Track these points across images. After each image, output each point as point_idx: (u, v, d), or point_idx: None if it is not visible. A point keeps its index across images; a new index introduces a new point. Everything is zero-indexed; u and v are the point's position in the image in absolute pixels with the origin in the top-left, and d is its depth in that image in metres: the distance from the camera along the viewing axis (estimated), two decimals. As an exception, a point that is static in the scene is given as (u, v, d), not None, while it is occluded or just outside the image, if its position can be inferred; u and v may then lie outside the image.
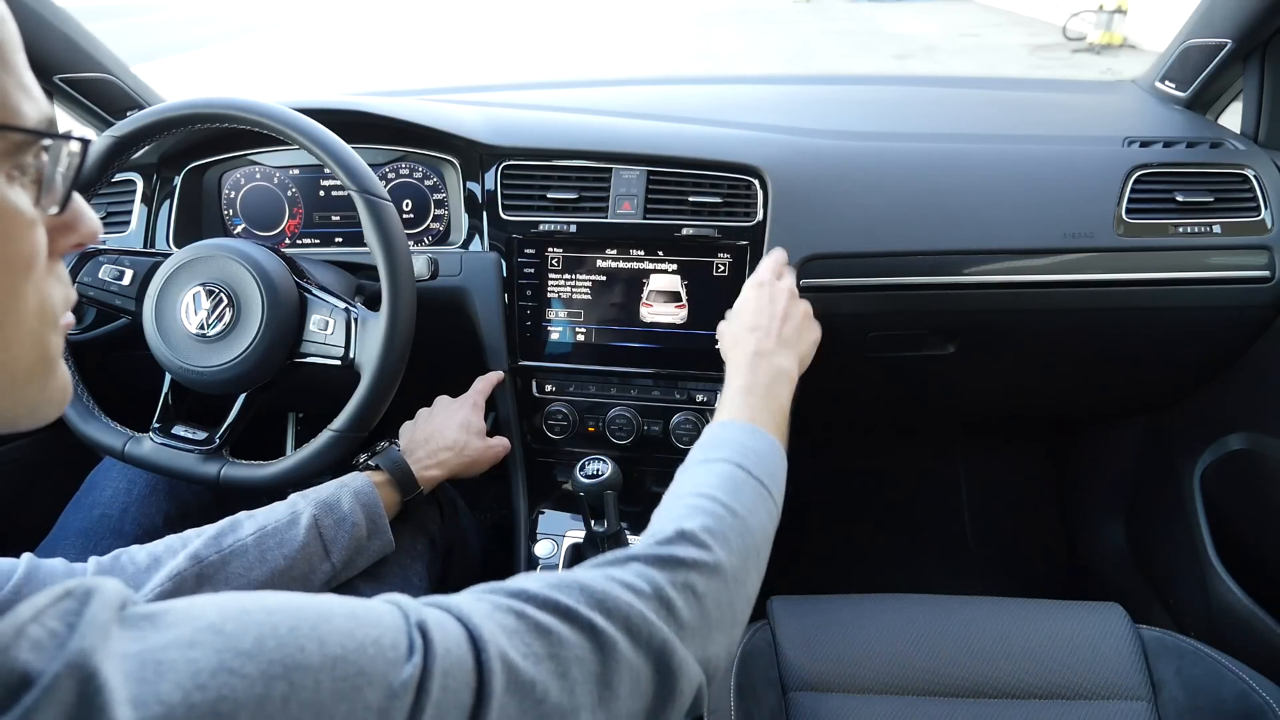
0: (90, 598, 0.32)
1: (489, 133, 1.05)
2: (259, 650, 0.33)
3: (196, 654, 0.32)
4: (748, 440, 0.66)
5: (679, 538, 0.53)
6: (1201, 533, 1.18)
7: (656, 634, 0.46)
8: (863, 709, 0.81)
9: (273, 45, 11.43)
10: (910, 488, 1.74)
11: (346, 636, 0.36)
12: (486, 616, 0.42)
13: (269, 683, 0.33)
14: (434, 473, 0.88)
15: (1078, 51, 8.29)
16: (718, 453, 0.64)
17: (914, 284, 1.02)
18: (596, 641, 0.44)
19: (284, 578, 0.73)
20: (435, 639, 0.39)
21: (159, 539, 0.73)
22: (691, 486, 0.60)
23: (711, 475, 0.61)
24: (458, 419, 0.94)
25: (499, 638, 0.41)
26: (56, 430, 0.91)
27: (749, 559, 0.57)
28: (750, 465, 0.63)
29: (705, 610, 0.50)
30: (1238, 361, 1.14)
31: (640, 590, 0.48)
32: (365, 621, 0.38)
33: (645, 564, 0.50)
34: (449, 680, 0.38)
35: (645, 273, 1.02)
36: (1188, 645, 0.82)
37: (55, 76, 1.10)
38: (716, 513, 0.56)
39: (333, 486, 0.80)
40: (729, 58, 9.12)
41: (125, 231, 1.09)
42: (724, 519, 0.56)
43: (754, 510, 0.59)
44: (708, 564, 0.52)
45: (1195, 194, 1.03)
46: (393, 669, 0.36)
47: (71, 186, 0.39)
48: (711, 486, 0.59)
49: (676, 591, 0.49)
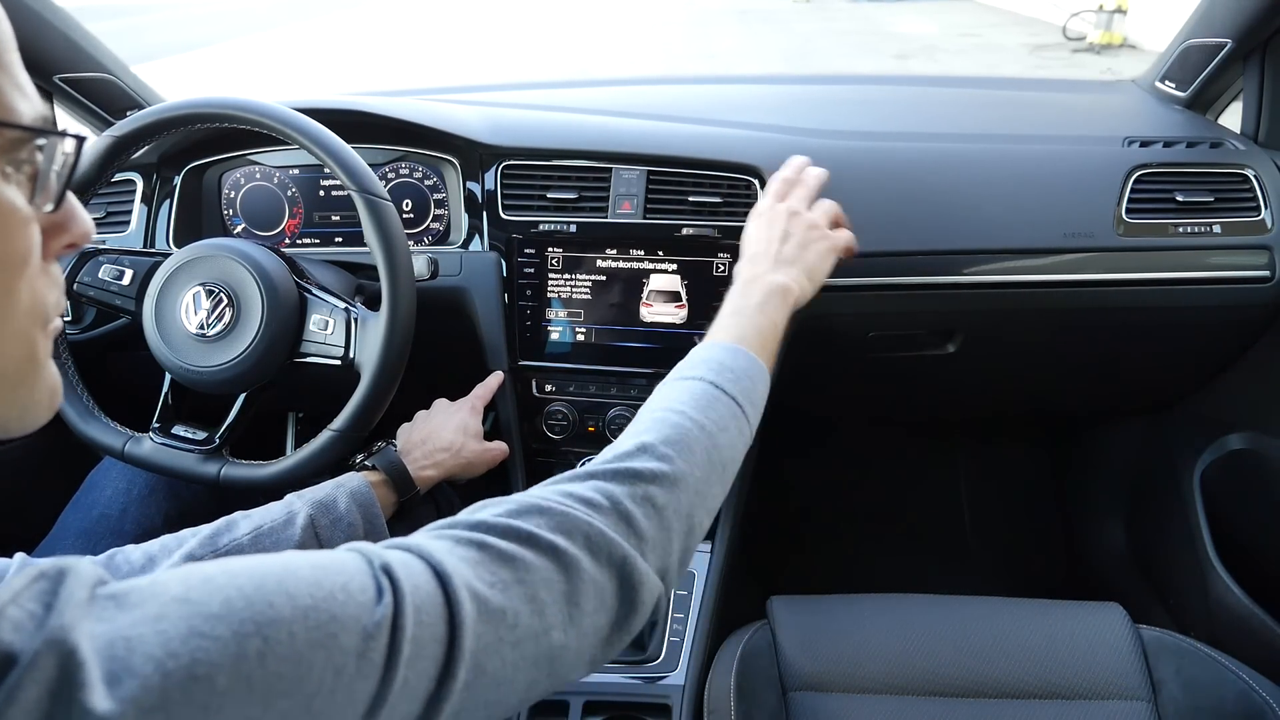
0: (64, 577, 0.32)
1: (489, 133, 1.05)
2: (228, 611, 0.34)
3: (165, 625, 0.33)
4: (726, 359, 0.64)
5: (639, 451, 0.53)
6: (1201, 533, 1.18)
7: (616, 549, 0.47)
8: (862, 709, 0.81)
9: (273, 45, 11.43)
10: (910, 488, 1.74)
11: (314, 586, 0.37)
12: (448, 552, 0.43)
13: (242, 641, 0.33)
14: (430, 473, 0.88)
15: (1078, 51, 8.29)
16: (694, 371, 0.63)
17: (914, 284, 1.02)
18: (560, 562, 0.45)
19: None
20: (401, 578, 0.40)
21: (157, 538, 0.73)
22: (661, 402, 0.60)
23: (683, 392, 0.60)
24: (455, 421, 0.94)
25: (463, 570, 0.42)
26: (56, 430, 0.91)
27: (712, 471, 0.56)
28: (725, 383, 0.62)
29: (665, 521, 0.51)
30: (1238, 361, 1.14)
31: (599, 505, 0.49)
32: (330, 570, 0.38)
33: (604, 479, 0.51)
34: (421, 615, 0.39)
35: (645, 273, 1.02)
36: (1188, 645, 0.82)
37: (55, 76, 1.10)
38: (682, 425, 0.56)
39: (329, 487, 0.80)
40: (729, 58, 9.12)
41: (125, 231, 1.09)
42: (689, 431, 0.56)
43: (723, 426, 0.59)
44: (667, 475, 0.52)
45: (1195, 194, 1.03)
46: (364, 612, 0.37)
47: (66, 185, 0.39)
48: (681, 402, 0.59)
49: (635, 504, 0.50)
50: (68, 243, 0.41)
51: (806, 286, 0.76)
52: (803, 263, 0.77)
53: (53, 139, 0.37)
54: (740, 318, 0.70)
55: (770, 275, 0.74)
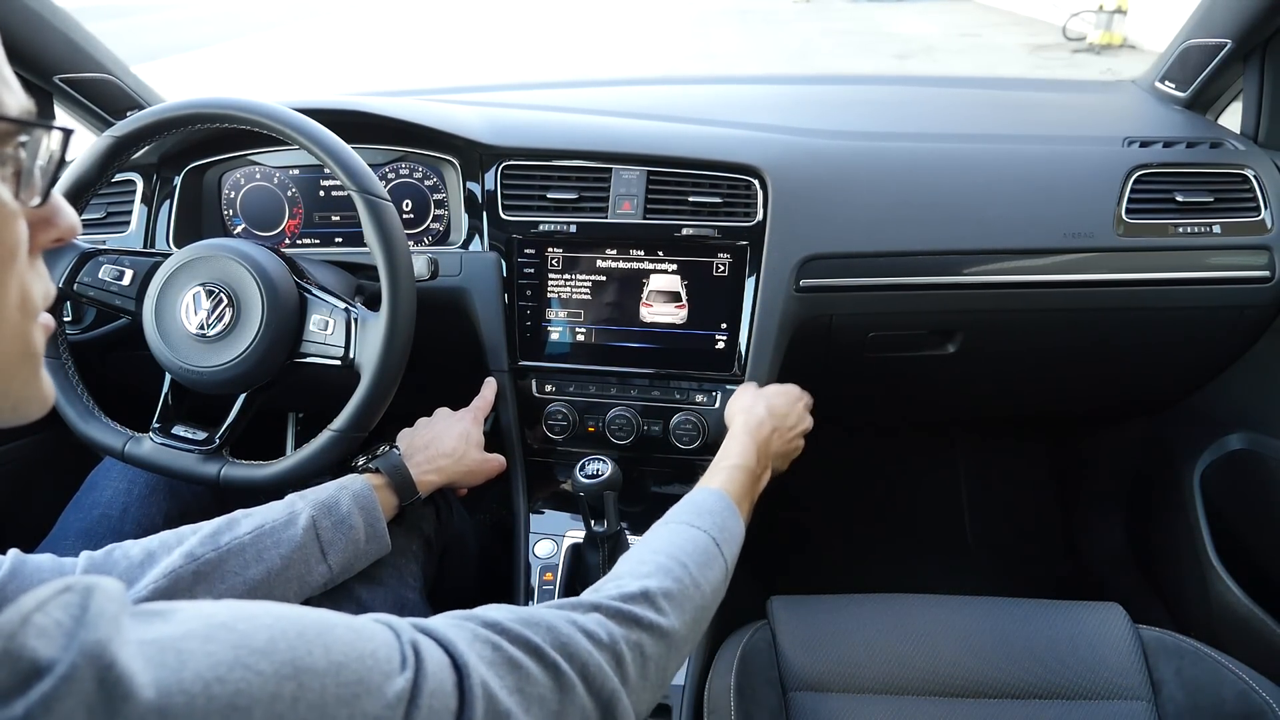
0: (93, 592, 0.33)
1: (489, 133, 1.05)
2: (272, 649, 0.35)
3: (214, 648, 0.34)
4: (729, 520, 0.70)
5: (642, 597, 0.56)
6: (1201, 533, 1.18)
7: (608, 684, 0.50)
8: (863, 709, 0.81)
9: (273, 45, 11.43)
10: (910, 488, 1.74)
11: (349, 646, 0.38)
12: (468, 645, 0.45)
13: (280, 682, 0.34)
14: (432, 478, 0.88)
15: (1078, 51, 8.29)
16: (701, 520, 0.68)
17: (914, 284, 1.02)
18: (558, 682, 0.47)
19: (280, 579, 0.73)
20: (426, 658, 0.41)
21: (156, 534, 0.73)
22: (669, 545, 0.63)
23: (690, 543, 0.64)
24: (458, 429, 0.94)
25: (480, 667, 0.44)
26: (56, 430, 0.91)
27: (696, 629, 0.61)
28: (724, 544, 0.67)
29: (647, 671, 0.54)
30: (1238, 361, 1.14)
31: (600, 640, 0.51)
32: (364, 635, 0.40)
33: (607, 615, 0.53)
34: (434, 700, 0.40)
35: (645, 273, 1.02)
36: (1188, 645, 0.82)
37: (55, 76, 1.10)
38: (683, 580, 0.60)
39: (332, 488, 0.80)
40: (729, 58, 9.12)
41: (125, 231, 1.09)
42: (688, 589, 0.59)
43: (715, 589, 0.63)
44: (661, 628, 0.55)
45: (1195, 194, 1.03)
46: (388, 681, 0.39)
47: (52, 179, 0.39)
48: (687, 554, 0.63)
49: (629, 648, 0.52)
50: (55, 237, 0.41)
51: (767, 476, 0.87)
52: (784, 458, 0.91)
53: (37, 134, 0.38)
54: (745, 477, 0.80)
55: (774, 458, 0.87)
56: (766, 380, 1.00)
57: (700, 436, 1.02)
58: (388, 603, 0.84)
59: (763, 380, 1.00)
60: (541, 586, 0.95)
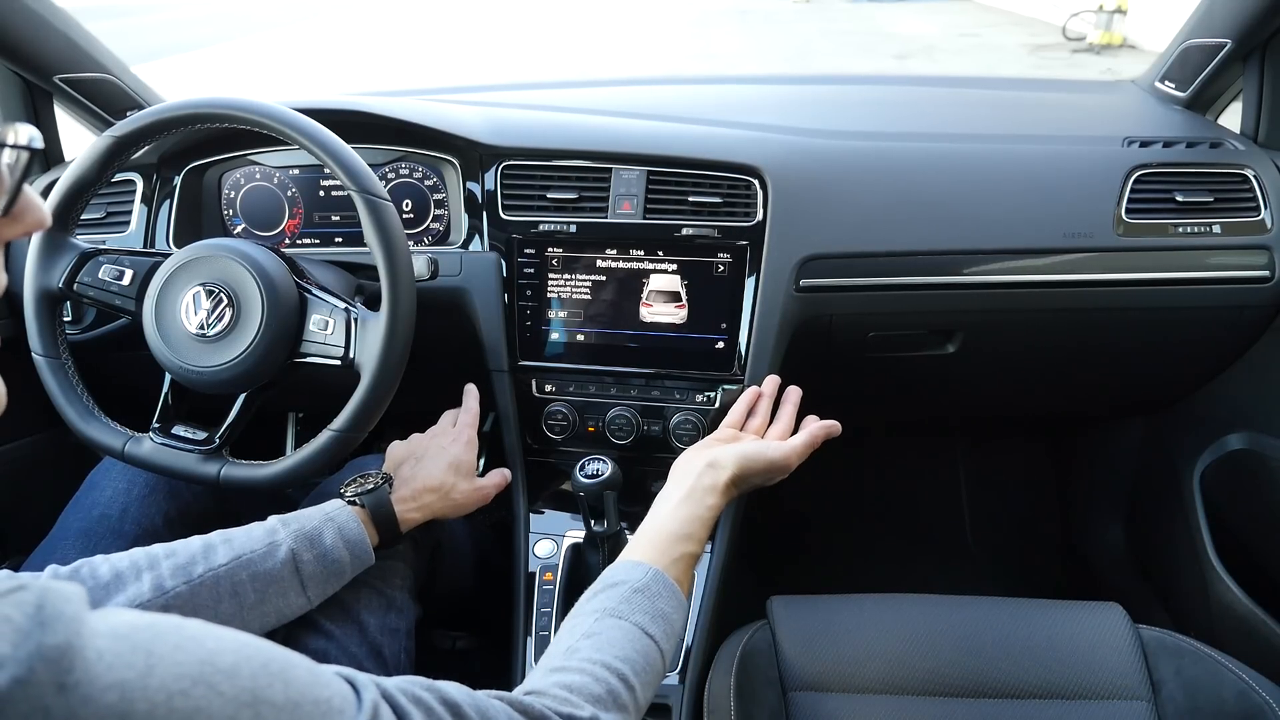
0: (48, 593, 0.32)
1: (489, 133, 1.05)
2: (236, 673, 0.35)
3: (183, 659, 0.34)
4: (669, 609, 0.66)
5: None
6: (1201, 533, 1.18)
7: None
8: (862, 709, 0.81)
9: (273, 45, 11.42)
10: (910, 488, 1.74)
11: (306, 688, 0.39)
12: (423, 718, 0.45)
13: (239, 708, 0.34)
14: (415, 516, 0.85)
15: (1078, 51, 8.29)
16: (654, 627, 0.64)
17: (914, 284, 1.02)
18: None
19: (255, 611, 0.72)
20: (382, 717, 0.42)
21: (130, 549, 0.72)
22: (611, 648, 0.60)
23: (631, 649, 0.61)
24: (447, 459, 0.89)
25: None
26: (56, 430, 0.91)
27: None
28: (662, 640, 0.64)
29: None
30: (1237, 361, 1.14)
31: None
32: (321, 680, 0.40)
33: None
34: None
35: (645, 273, 1.02)
36: (1188, 645, 0.82)
37: (55, 76, 1.10)
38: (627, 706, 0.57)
39: (317, 518, 0.78)
40: (729, 58, 9.12)
41: (125, 231, 1.09)
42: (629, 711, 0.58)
43: (651, 688, 0.62)
44: None
45: (1195, 194, 1.03)
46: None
47: (19, 182, 0.39)
48: (632, 663, 0.60)
49: None
50: (22, 232, 0.41)
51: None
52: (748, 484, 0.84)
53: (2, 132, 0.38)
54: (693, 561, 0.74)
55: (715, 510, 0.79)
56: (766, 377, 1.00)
57: (700, 436, 1.02)
58: (374, 602, 0.83)
59: (762, 378, 1.00)
60: (541, 586, 0.95)
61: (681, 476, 0.80)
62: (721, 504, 0.79)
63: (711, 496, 0.78)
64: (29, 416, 1.16)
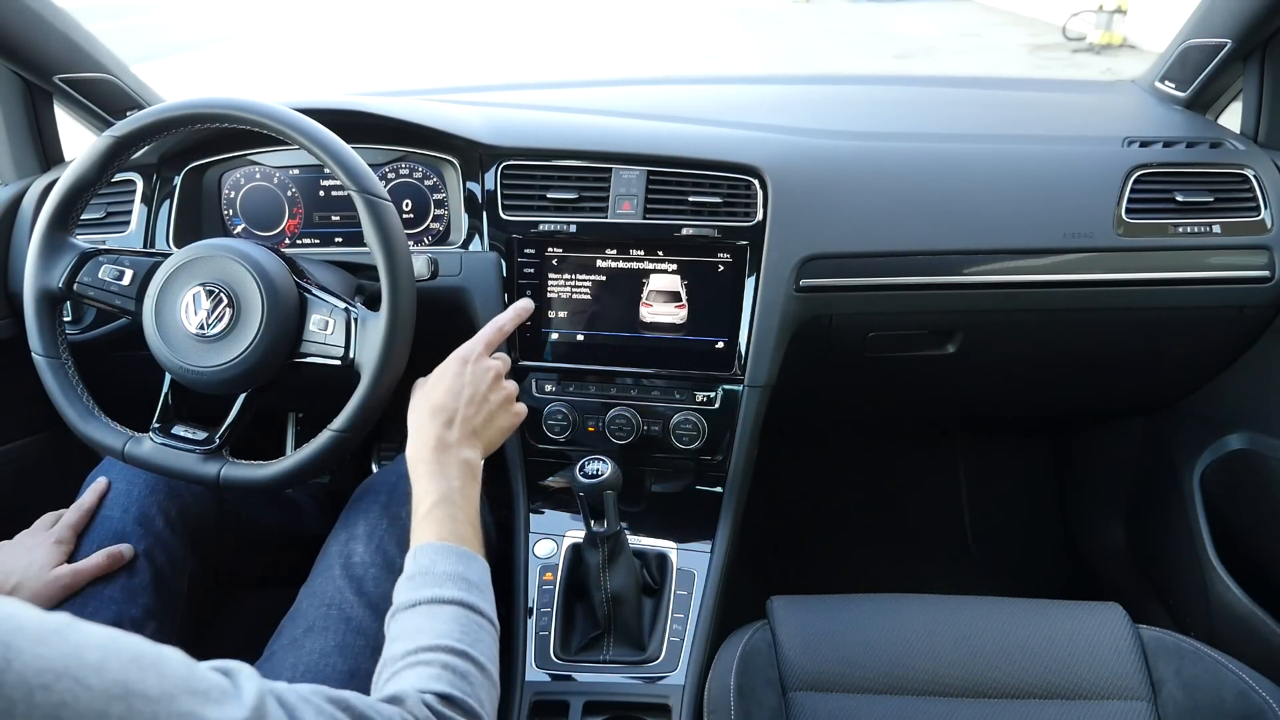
0: None
1: (489, 133, 1.05)
2: (103, 666, 0.34)
3: (45, 651, 0.32)
4: (468, 572, 0.66)
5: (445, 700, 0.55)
6: (1201, 533, 1.18)
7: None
8: (863, 709, 0.81)
9: (273, 45, 11.42)
10: (910, 488, 1.73)
11: (182, 680, 0.38)
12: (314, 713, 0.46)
13: (109, 701, 0.34)
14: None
15: (1078, 51, 8.29)
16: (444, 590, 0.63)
17: (914, 284, 1.02)
18: None
19: None
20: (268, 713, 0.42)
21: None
22: (433, 634, 0.60)
23: (453, 623, 0.61)
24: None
25: None
26: (56, 430, 0.91)
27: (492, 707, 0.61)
28: (480, 604, 0.64)
29: None
30: (1237, 361, 1.14)
31: None
32: (198, 674, 0.40)
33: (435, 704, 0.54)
34: None
35: (645, 273, 1.02)
36: (1188, 645, 0.82)
37: (55, 76, 1.10)
38: (471, 675, 0.59)
39: None
40: (729, 58, 9.12)
41: (125, 231, 1.09)
42: (478, 681, 0.59)
43: (492, 655, 0.62)
44: None
45: (1195, 194, 1.03)
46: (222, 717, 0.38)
47: None
48: (456, 639, 0.60)
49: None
50: None
51: (480, 461, 0.78)
52: (486, 434, 0.80)
53: None
54: (452, 508, 0.71)
55: (463, 450, 0.75)
56: (767, 378, 1.00)
57: (700, 436, 1.02)
58: None
59: (763, 378, 1.00)
60: (541, 586, 0.95)
61: None
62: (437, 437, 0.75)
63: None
64: (29, 416, 1.16)
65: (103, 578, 0.84)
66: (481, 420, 0.79)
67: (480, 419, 0.79)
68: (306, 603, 0.83)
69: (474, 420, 0.78)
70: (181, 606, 0.90)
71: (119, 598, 0.83)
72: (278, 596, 0.88)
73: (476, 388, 0.80)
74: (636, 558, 0.93)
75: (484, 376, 0.81)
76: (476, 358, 0.82)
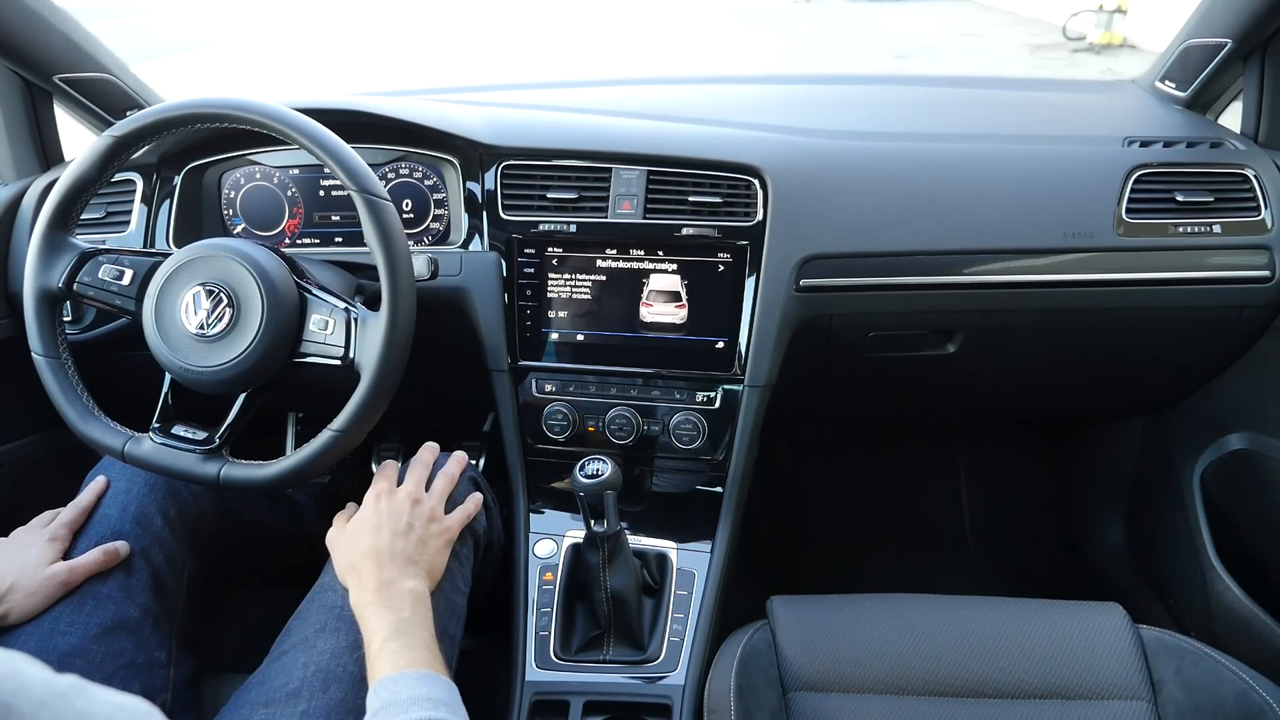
0: None
1: (489, 133, 1.05)
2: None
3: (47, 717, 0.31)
4: (432, 691, 0.65)
5: None
6: (1201, 533, 1.18)
7: None
8: (862, 709, 0.81)
9: (272, 45, 11.42)
10: (910, 488, 1.73)
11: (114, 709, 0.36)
12: None
13: None
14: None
15: (1078, 51, 8.29)
16: (410, 714, 0.62)
17: (914, 284, 1.02)
18: None
19: None
20: None
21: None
22: None
23: None
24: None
25: None
26: (56, 430, 0.91)
27: None
28: (449, 717, 0.63)
29: None
30: (1237, 361, 1.14)
31: None
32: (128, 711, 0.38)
33: None
34: None
35: (645, 273, 1.02)
36: (1188, 645, 0.82)
37: (55, 76, 1.10)
38: None
39: None
40: (729, 58, 9.12)
41: (125, 231, 1.09)
42: None
43: None
44: None
45: (1195, 194, 1.03)
46: None
47: None
48: None
49: None
50: None
51: (428, 585, 0.79)
52: (425, 561, 0.80)
53: None
54: (408, 638, 0.70)
55: (406, 581, 0.76)
56: (767, 378, 1.00)
57: (700, 436, 1.02)
58: (438, 607, 0.81)
59: (763, 378, 1.00)
60: (541, 587, 0.95)
61: None
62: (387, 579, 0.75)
63: None
64: (29, 416, 1.16)
65: (100, 577, 0.83)
66: (414, 548, 0.80)
67: (412, 548, 0.80)
68: (317, 602, 0.83)
69: (408, 550, 0.79)
70: (180, 606, 0.90)
71: (117, 597, 0.83)
72: (278, 596, 0.88)
73: (398, 520, 0.81)
74: (636, 558, 0.93)
75: (401, 506, 0.83)
76: (388, 493, 0.84)
